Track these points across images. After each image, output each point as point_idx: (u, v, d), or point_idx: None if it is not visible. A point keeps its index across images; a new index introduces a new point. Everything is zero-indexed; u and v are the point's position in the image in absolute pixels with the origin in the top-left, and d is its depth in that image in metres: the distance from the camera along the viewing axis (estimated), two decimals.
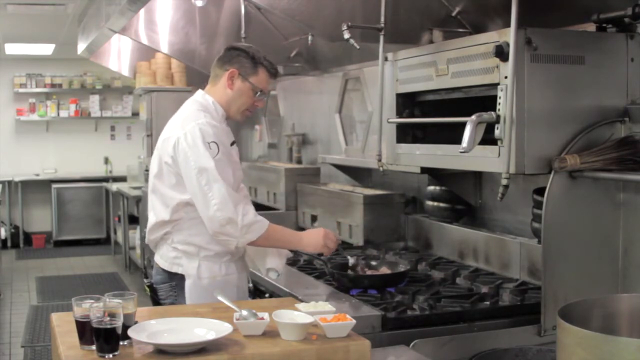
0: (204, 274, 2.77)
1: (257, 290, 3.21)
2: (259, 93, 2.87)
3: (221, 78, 2.87)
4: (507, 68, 2.36)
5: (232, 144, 2.84)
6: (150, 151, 7.04)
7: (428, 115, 3.03)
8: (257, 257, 2.92)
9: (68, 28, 8.45)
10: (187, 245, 2.78)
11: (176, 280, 2.81)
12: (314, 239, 2.88)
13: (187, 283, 2.78)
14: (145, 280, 2.99)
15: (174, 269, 2.81)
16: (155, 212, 2.83)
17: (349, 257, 3.22)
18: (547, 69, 2.40)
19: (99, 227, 10.75)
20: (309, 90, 5.73)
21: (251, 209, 2.74)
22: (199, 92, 2.93)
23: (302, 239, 2.88)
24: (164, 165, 2.79)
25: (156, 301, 2.88)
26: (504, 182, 2.40)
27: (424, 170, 3.25)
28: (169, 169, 2.77)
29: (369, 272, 3.15)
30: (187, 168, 2.70)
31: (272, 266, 2.91)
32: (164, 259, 2.85)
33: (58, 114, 10.81)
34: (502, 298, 2.83)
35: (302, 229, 4.28)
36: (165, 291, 2.85)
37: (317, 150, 5.53)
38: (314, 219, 4.56)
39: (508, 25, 2.34)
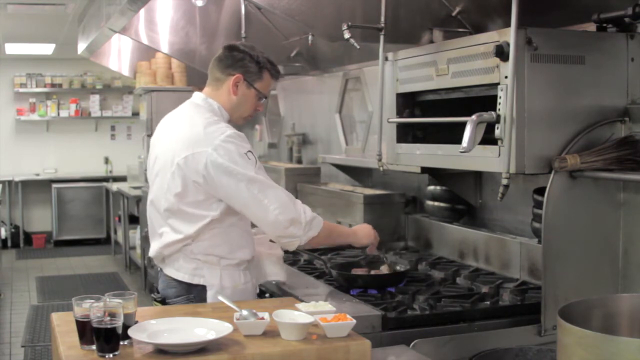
0: (226, 283, 2.68)
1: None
2: (263, 99, 2.81)
3: (224, 82, 2.75)
4: (507, 68, 2.36)
5: None
6: None
7: (428, 115, 3.03)
8: (255, 270, 2.85)
9: (68, 28, 8.45)
10: (208, 255, 2.68)
11: (195, 292, 2.70)
12: (367, 231, 2.94)
13: (210, 294, 2.67)
14: (154, 296, 2.83)
15: (195, 280, 2.69)
16: (175, 229, 2.68)
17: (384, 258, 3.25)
18: (547, 69, 2.40)
19: (99, 227, 10.76)
20: (309, 90, 5.73)
21: (305, 206, 2.70)
22: (199, 95, 2.80)
23: (356, 233, 2.93)
24: (191, 184, 2.60)
25: None
26: (504, 182, 2.40)
27: (424, 170, 3.25)
28: (197, 187, 2.61)
29: (371, 272, 3.15)
30: (234, 181, 2.57)
31: (274, 278, 2.91)
32: (182, 270, 2.71)
33: (58, 114, 10.81)
34: (502, 298, 2.83)
35: None
36: (181, 304, 2.70)
37: (317, 150, 5.53)
38: None
39: (508, 25, 2.34)
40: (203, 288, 2.69)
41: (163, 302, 2.75)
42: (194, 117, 2.71)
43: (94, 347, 2.01)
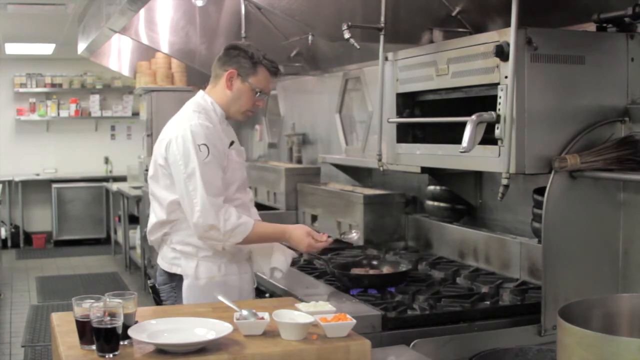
0: (201, 275, 2.77)
1: (257, 290, 3.21)
2: (259, 93, 2.85)
3: (221, 79, 2.85)
4: (507, 68, 2.36)
5: (231, 144, 2.82)
6: (151, 151, 7.04)
7: (428, 115, 3.03)
8: (261, 257, 2.89)
9: (68, 28, 8.45)
10: (186, 245, 2.79)
11: (176, 281, 2.82)
12: (299, 237, 2.81)
13: (185, 283, 2.78)
14: (149, 282, 3.00)
15: (173, 270, 2.81)
16: (155, 213, 2.86)
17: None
18: (547, 69, 2.40)
19: (99, 227, 10.75)
20: (309, 90, 5.73)
21: (233, 212, 2.71)
22: (200, 92, 2.92)
23: (285, 233, 2.82)
24: (158, 167, 2.81)
25: (158, 303, 2.90)
26: (504, 181, 2.40)
27: (424, 170, 3.26)
28: (162, 170, 2.79)
29: (370, 272, 3.15)
30: (177, 171, 2.72)
31: (276, 265, 2.87)
32: (164, 259, 2.86)
33: (58, 114, 10.80)
34: (502, 298, 2.83)
35: None
36: (166, 292, 2.87)
37: (317, 150, 5.53)
38: (314, 218, 4.56)
39: (508, 25, 2.34)
40: (182, 277, 2.79)
41: (153, 287, 2.93)
42: (183, 111, 2.87)
43: (94, 347, 2.01)
